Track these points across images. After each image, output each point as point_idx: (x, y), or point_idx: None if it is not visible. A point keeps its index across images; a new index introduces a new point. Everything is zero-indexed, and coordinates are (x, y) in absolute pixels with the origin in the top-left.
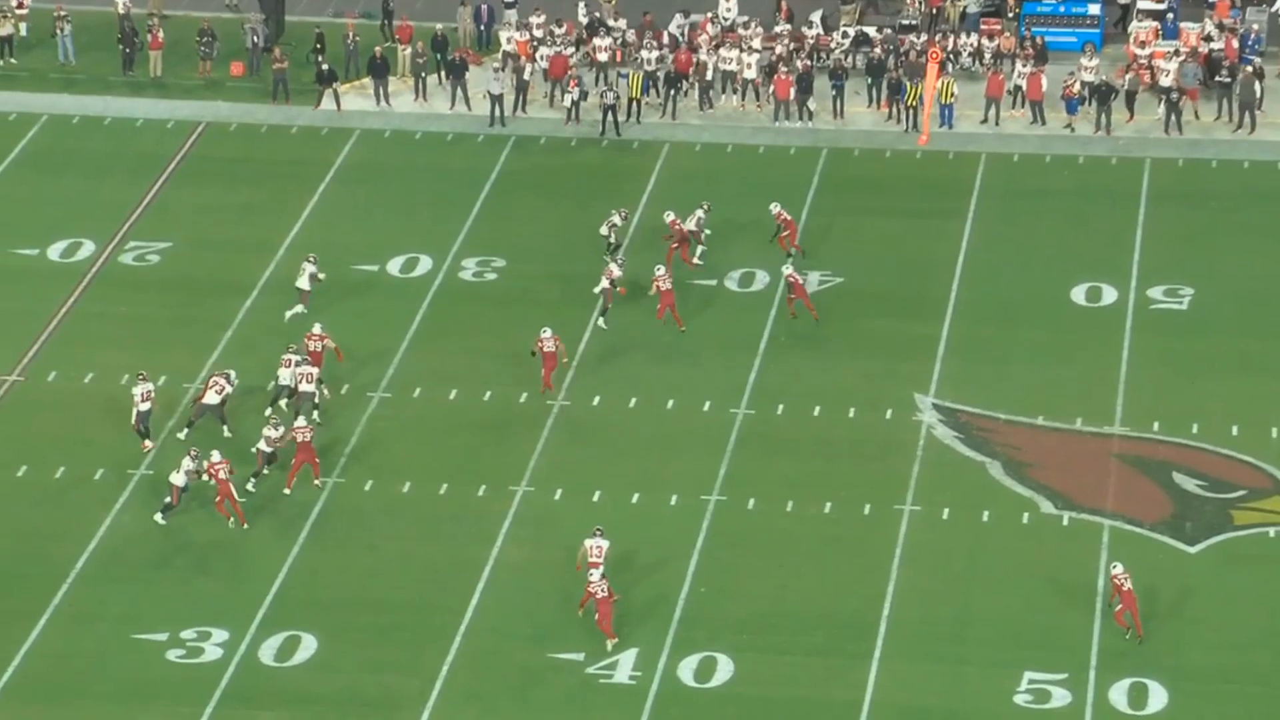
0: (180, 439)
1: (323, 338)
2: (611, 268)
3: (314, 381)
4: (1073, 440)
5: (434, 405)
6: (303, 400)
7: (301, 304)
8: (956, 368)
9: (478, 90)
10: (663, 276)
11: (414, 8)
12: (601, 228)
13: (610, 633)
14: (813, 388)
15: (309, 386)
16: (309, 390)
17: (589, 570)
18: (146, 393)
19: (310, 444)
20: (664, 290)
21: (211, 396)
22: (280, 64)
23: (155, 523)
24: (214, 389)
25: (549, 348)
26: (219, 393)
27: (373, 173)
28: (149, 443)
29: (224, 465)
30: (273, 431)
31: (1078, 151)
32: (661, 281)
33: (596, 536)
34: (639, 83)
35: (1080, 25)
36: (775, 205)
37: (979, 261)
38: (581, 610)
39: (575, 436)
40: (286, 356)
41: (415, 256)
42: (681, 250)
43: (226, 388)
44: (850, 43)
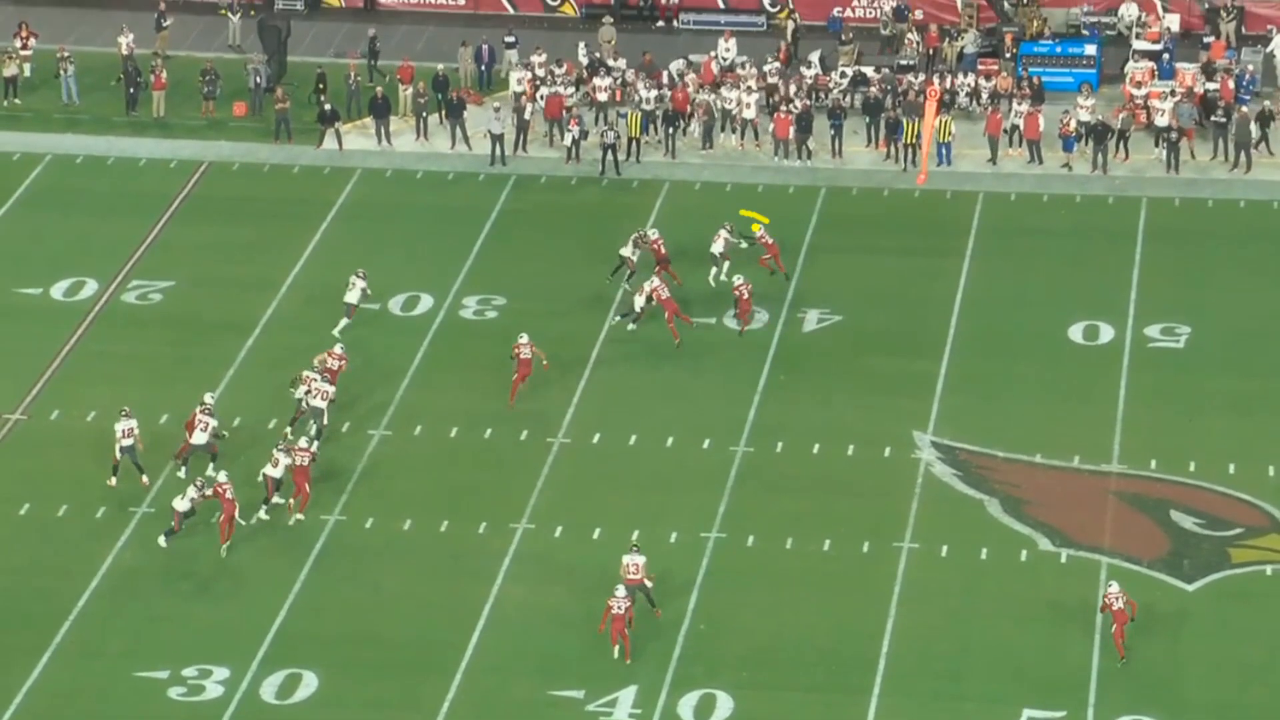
0: (182, 477)
1: (341, 357)
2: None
3: (326, 400)
4: (1070, 478)
5: (435, 443)
6: (312, 415)
7: (347, 318)
8: (955, 405)
9: (478, 130)
10: (659, 286)
11: (415, 48)
12: (623, 249)
13: (617, 641)
14: (812, 425)
15: (321, 403)
16: (320, 406)
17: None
18: (129, 429)
19: (306, 469)
20: (664, 299)
21: (199, 436)
22: (282, 104)
23: (156, 559)
24: (199, 426)
25: (525, 354)
26: (205, 430)
27: (374, 211)
28: (144, 479)
29: (229, 486)
30: (283, 456)
31: (1075, 191)
32: (660, 290)
33: (633, 553)
34: (638, 122)
35: (1076, 65)
36: (760, 229)
37: (977, 300)
38: (602, 628)
39: (575, 474)
40: (307, 375)
41: (416, 295)
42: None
43: (211, 422)
44: (848, 82)
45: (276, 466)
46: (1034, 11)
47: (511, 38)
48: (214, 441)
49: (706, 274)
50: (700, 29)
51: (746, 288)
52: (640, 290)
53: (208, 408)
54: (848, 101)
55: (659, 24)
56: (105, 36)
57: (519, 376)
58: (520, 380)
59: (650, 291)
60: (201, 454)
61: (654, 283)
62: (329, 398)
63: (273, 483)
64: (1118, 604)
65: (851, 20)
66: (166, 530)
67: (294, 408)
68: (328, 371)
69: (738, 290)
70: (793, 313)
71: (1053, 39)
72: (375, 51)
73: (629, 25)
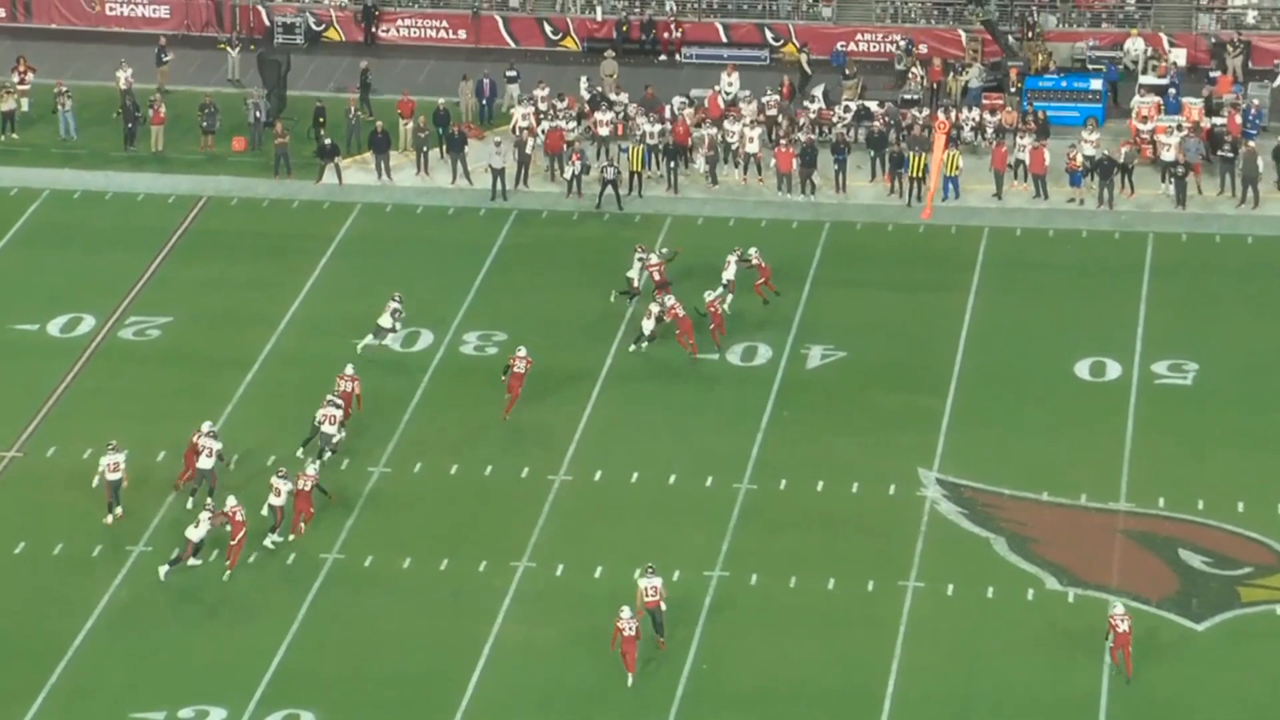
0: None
1: (354, 379)
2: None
3: (336, 424)
4: (1077, 516)
5: (435, 480)
6: (322, 440)
7: (373, 336)
8: (960, 442)
9: (479, 164)
10: (676, 305)
11: (416, 82)
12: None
13: (630, 668)
14: (815, 462)
15: (331, 428)
16: (330, 432)
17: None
18: (115, 464)
19: (309, 494)
20: (680, 317)
21: (204, 461)
22: (282, 139)
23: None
24: (204, 452)
25: (519, 368)
26: (210, 455)
27: (374, 247)
28: (119, 510)
29: (240, 509)
30: (283, 483)
31: (1081, 226)
32: (678, 309)
33: (649, 575)
34: (640, 156)
35: (1082, 100)
36: (753, 250)
37: (982, 335)
38: (614, 647)
39: (577, 511)
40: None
41: (416, 331)
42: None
43: (214, 445)
44: (852, 117)
45: (279, 495)
46: (1039, 46)
47: (513, 72)
48: (215, 470)
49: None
50: (703, 63)
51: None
52: (649, 313)
53: (211, 433)
54: (851, 136)
55: (661, 58)
56: (104, 71)
57: (512, 395)
58: (513, 400)
59: (665, 311)
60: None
61: (669, 301)
62: (335, 420)
63: (280, 512)
64: (1122, 625)
65: (855, 54)
66: (171, 559)
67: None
68: (341, 395)
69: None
70: (796, 348)
71: (1058, 73)
72: (368, 84)
73: (631, 59)
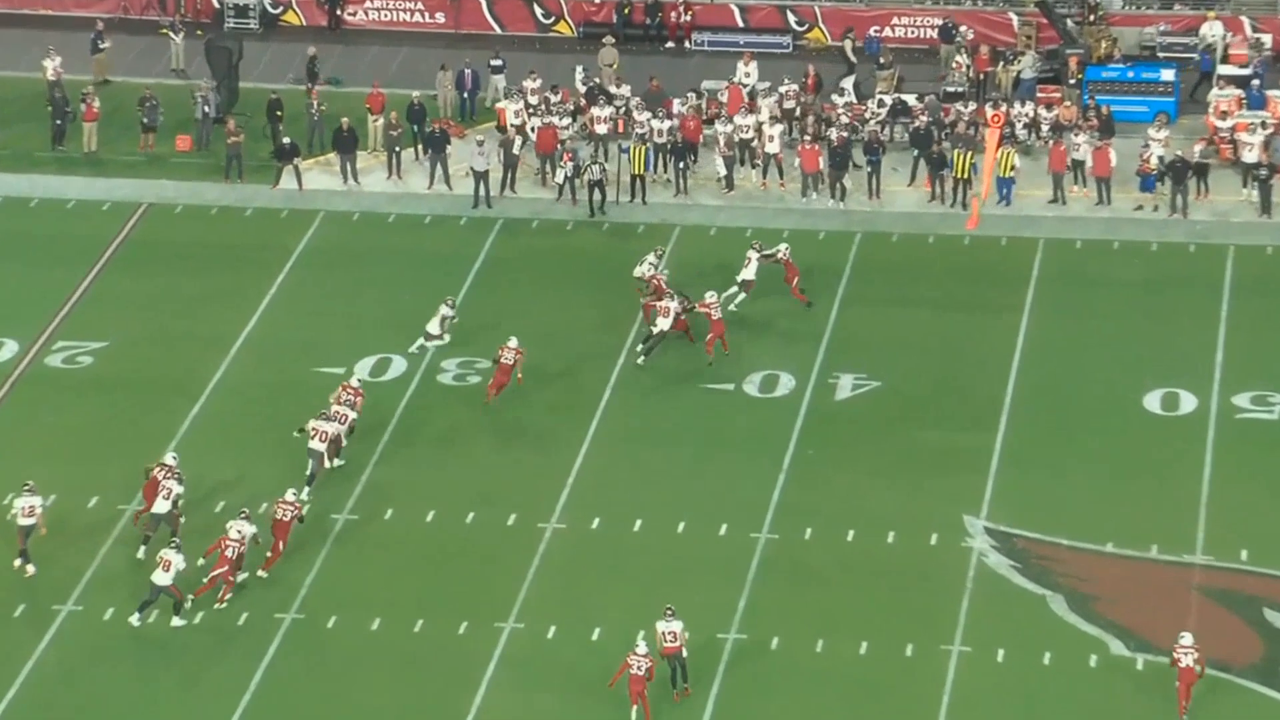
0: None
1: (357, 392)
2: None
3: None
4: (1147, 570)
5: (408, 528)
6: (311, 459)
7: (423, 340)
8: (1012, 485)
9: (459, 166)
10: (714, 304)
11: (387, 73)
12: (638, 268)
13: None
14: (846, 508)
15: (319, 445)
16: (318, 449)
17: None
18: (30, 507)
19: (288, 525)
20: (715, 320)
21: (159, 504)
22: (234, 137)
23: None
24: (161, 494)
25: (507, 359)
26: (167, 497)
27: (339, 260)
28: (31, 568)
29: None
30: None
31: (1150, 237)
32: (713, 310)
33: (669, 619)
34: (642, 157)
35: (1151, 93)
36: (783, 246)
37: (1037, 363)
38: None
39: (571, 564)
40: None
41: (388, 357)
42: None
43: (175, 489)
44: (887, 112)
45: (240, 540)
46: (1102, 31)
47: (498, 61)
48: (176, 512)
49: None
50: (716, 50)
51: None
52: (665, 311)
53: (172, 470)
54: (887, 134)
55: (668, 45)
56: (29, 60)
57: (496, 384)
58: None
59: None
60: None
61: (710, 298)
62: (327, 438)
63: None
64: (1186, 660)
65: (891, 41)
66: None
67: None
68: (339, 408)
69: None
70: (824, 376)
71: (1124, 62)
72: (314, 74)
73: (633, 46)
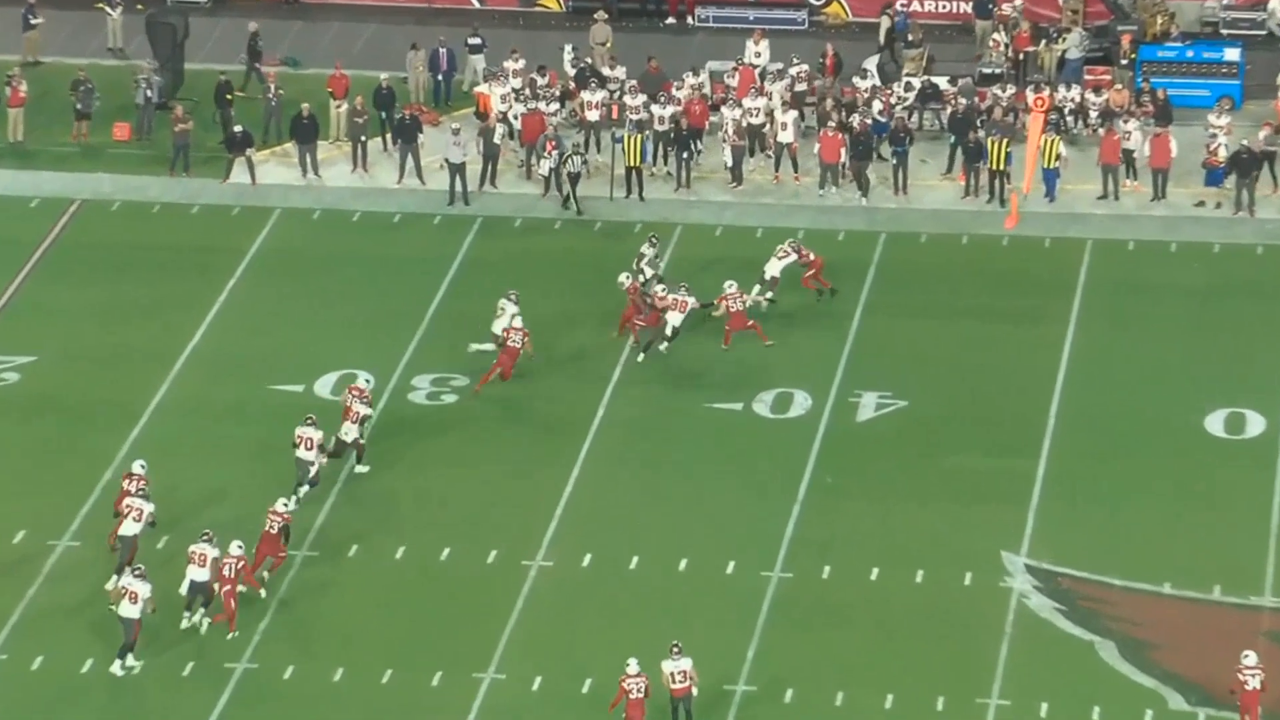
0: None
1: (362, 393)
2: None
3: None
4: (1209, 613)
5: (374, 566)
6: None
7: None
8: (1056, 518)
9: (433, 158)
10: (734, 295)
11: (351, 52)
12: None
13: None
14: (869, 543)
15: (308, 453)
16: (307, 458)
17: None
18: None
19: (278, 536)
20: (735, 311)
21: (129, 526)
22: (180, 125)
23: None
24: (131, 515)
25: (515, 342)
26: (138, 518)
27: (297, 264)
28: None
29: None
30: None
31: (1213, 237)
32: (732, 302)
33: (675, 658)
34: (638, 147)
35: (1213, 75)
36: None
37: (1084, 380)
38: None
39: (559, 607)
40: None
41: (351, 373)
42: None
43: (145, 508)
44: (915, 96)
45: (204, 565)
46: (1158, 5)
47: (477, 39)
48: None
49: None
50: (723, 27)
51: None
52: (678, 305)
53: (140, 483)
54: (915, 121)
55: (669, 21)
56: None
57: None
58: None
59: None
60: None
61: (729, 288)
62: (314, 444)
63: (212, 589)
64: (1253, 683)
65: (920, 16)
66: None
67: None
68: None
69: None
70: (844, 395)
71: (1182, 41)
72: (256, 52)
73: (629, 23)
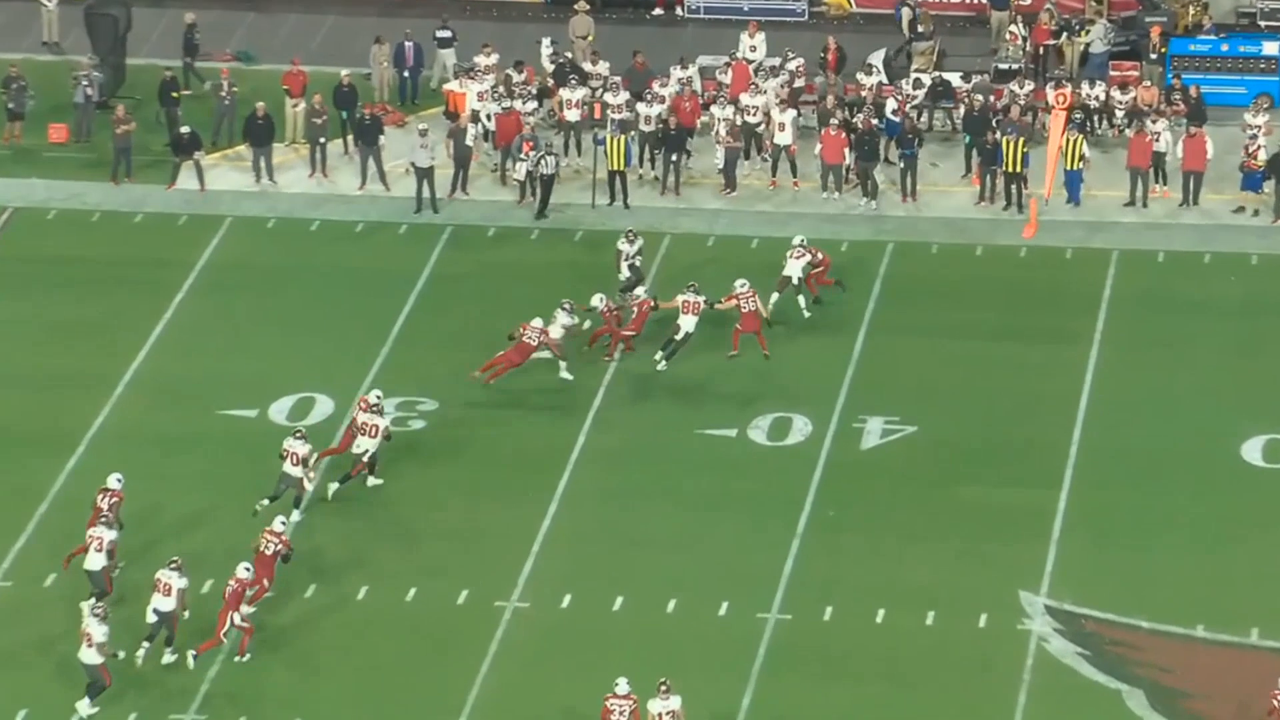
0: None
1: (374, 407)
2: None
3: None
4: (1246, 659)
5: (334, 608)
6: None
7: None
8: (1079, 555)
9: (399, 162)
10: (745, 295)
11: (309, 47)
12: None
13: None
14: (875, 583)
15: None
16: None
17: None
18: None
19: (271, 559)
20: (746, 312)
21: (93, 559)
22: (122, 126)
23: None
24: (93, 544)
25: (530, 339)
26: (100, 548)
27: (251, 278)
28: None
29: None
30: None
31: (1250, 248)
32: (744, 301)
33: (663, 696)
34: (622, 149)
35: (1250, 70)
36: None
37: (1110, 404)
38: None
39: (536, 652)
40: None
41: (310, 397)
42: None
43: (107, 536)
44: (925, 94)
45: (169, 594)
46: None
47: (446, 31)
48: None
49: None
50: (715, 19)
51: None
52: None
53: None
54: (924, 121)
55: (656, 12)
56: None
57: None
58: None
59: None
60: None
61: (740, 287)
62: (299, 459)
63: (175, 620)
64: None
65: (930, 6)
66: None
67: None
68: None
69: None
70: (847, 419)
71: (1216, 33)
72: (194, 46)
73: (613, 14)
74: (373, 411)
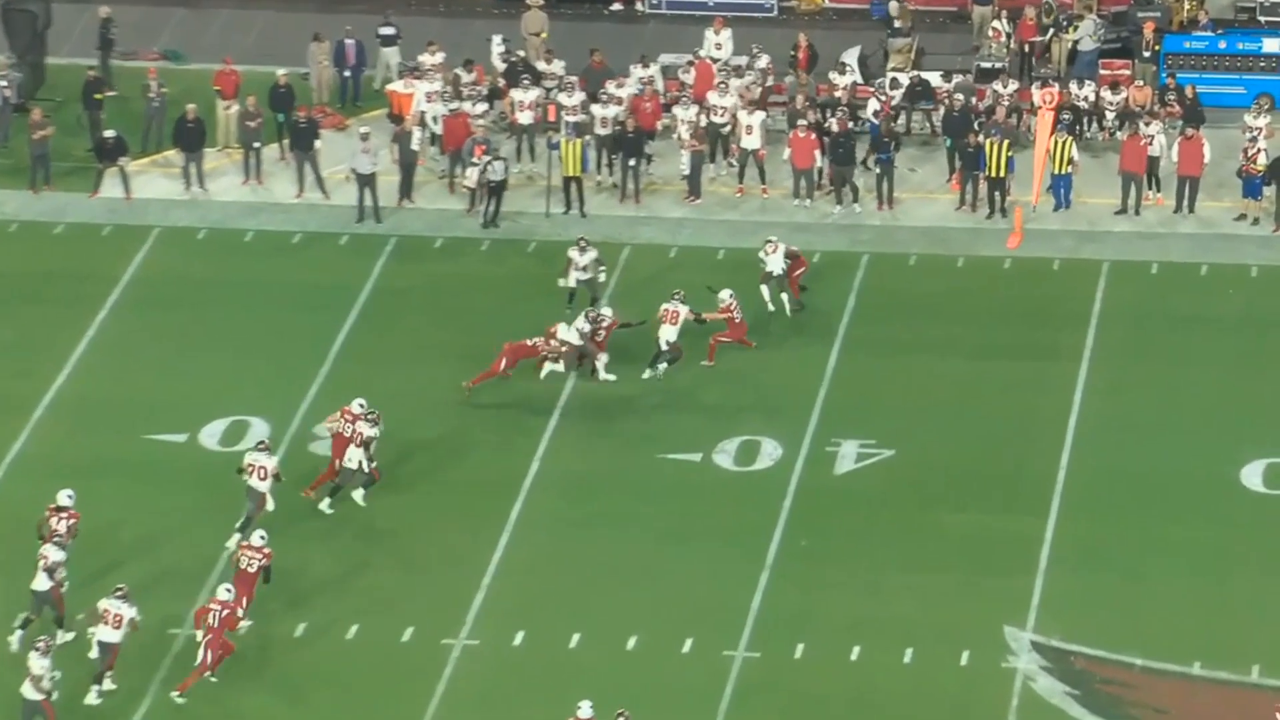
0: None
1: (357, 418)
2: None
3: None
4: (1246, 699)
5: (270, 647)
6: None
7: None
8: (1067, 587)
9: (339, 168)
10: (734, 305)
11: (243, 44)
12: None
13: None
14: (850, 616)
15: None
16: (258, 488)
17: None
18: None
19: (254, 576)
20: (737, 322)
21: (40, 580)
22: (40, 131)
23: None
24: (40, 562)
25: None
26: (46, 566)
27: (180, 292)
28: None
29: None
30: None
31: (1249, 259)
32: (735, 312)
33: None
34: (578, 154)
35: (1249, 69)
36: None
37: (1100, 426)
38: None
39: (485, 693)
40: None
41: (243, 420)
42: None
43: (53, 556)
44: (903, 94)
45: (117, 625)
46: None
47: (390, 28)
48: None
49: None
50: (678, 15)
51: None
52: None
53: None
54: (902, 124)
55: (614, 8)
56: None
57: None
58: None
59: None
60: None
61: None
62: (267, 474)
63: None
64: None
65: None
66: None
67: None
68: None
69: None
70: (819, 443)
71: (1213, 29)
72: (109, 41)
73: (568, 10)
74: (368, 421)
